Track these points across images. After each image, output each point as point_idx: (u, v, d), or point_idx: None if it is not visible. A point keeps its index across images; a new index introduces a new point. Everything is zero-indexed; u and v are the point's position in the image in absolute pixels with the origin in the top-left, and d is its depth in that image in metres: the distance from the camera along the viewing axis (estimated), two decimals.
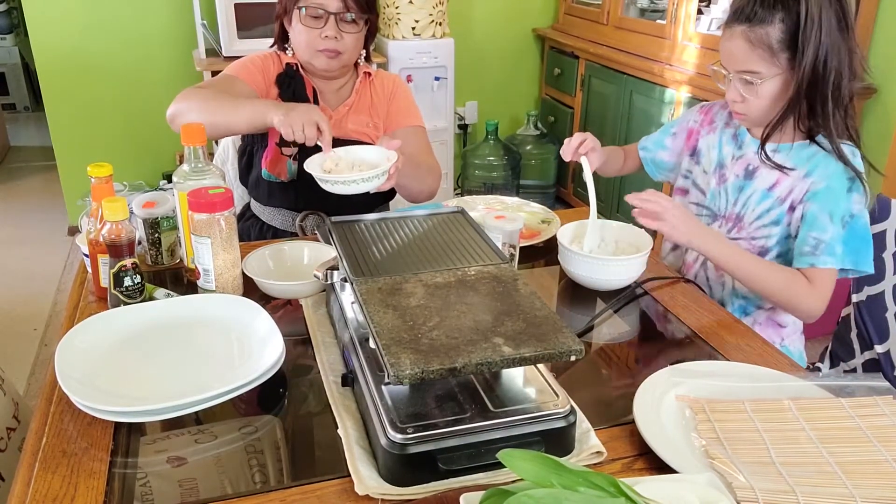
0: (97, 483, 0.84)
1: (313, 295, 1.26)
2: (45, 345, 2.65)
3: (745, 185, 1.38)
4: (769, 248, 1.36)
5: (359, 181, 1.30)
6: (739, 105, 1.31)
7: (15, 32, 5.29)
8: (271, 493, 0.83)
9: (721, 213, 1.42)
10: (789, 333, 1.43)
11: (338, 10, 1.52)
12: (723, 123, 1.45)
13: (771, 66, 1.23)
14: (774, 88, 1.26)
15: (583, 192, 3.58)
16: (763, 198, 1.35)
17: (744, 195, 1.38)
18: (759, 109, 1.29)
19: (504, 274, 0.99)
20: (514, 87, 3.89)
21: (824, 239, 1.25)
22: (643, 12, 3.27)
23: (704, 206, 1.46)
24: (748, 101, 1.28)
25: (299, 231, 1.57)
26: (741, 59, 1.25)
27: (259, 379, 0.96)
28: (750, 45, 1.23)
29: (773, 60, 1.23)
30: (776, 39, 1.21)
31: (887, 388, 0.99)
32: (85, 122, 3.28)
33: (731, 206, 1.40)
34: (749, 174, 1.37)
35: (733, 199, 1.40)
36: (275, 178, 1.59)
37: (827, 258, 1.25)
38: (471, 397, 0.88)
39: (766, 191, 1.34)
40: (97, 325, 1.07)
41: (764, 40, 1.22)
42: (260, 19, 2.96)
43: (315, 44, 1.54)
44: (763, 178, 1.35)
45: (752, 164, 1.37)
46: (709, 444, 0.88)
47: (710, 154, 1.45)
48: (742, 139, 1.40)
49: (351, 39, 1.56)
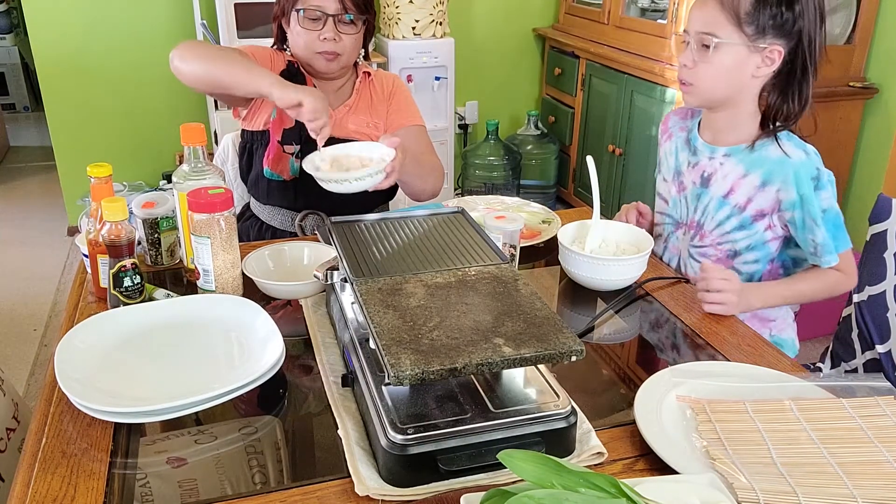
0: (97, 484, 0.84)
1: (313, 295, 1.26)
2: (44, 345, 2.65)
3: (703, 192, 1.39)
4: (739, 251, 1.38)
5: (353, 180, 1.31)
6: (688, 72, 1.31)
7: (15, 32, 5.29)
8: (271, 493, 0.83)
9: (683, 222, 1.45)
10: (779, 325, 1.46)
11: (336, 11, 1.52)
12: (677, 129, 1.47)
13: (731, 34, 1.24)
14: (728, 58, 1.26)
15: (584, 192, 3.58)
16: (720, 205, 1.36)
17: (702, 203, 1.40)
18: (707, 79, 1.29)
19: (504, 274, 0.99)
20: (514, 86, 3.88)
21: (818, 241, 1.29)
22: (644, 12, 3.27)
23: (667, 215, 1.48)
24: (698, 67, 1.29)
25: (298, 231, 1.57)
26: (706, 20, 1.26)
27: (259, 379, 0.96)
28: (720, 7, 1.24)
29: (736, 29, 1.24)
30: (745, 10, 1.23)
31: (888, 389, 0.99)
32: (85, 122, 3.28)
33: (692, 213, 1.42)
34: (705, 181, 1.38)
35: (693, 206, 1.42)
36: (277, 177, 1.59)
37: (828, 257, 1.30)
38: (471, 398, 0.88)
39: (721, 198, 1.36)
40: (97, 325, 1.07)
41: (734, 5, 1.23)
42: (260, 19, 2.97)
43: (313, 46, 1.54)
44: (718, 185, 1.36)
45: (706, 170, 1.38)
46: (710, 445, 0.88)
47: (669, 161, 1.47)
48: (694, 144, 1.41)
49: (349, 41, 1.56)
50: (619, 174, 3.23)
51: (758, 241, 1.36)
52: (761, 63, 1.26)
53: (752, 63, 1.26)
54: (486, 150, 3.51)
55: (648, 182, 3.05)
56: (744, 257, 1.38)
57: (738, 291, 1.24)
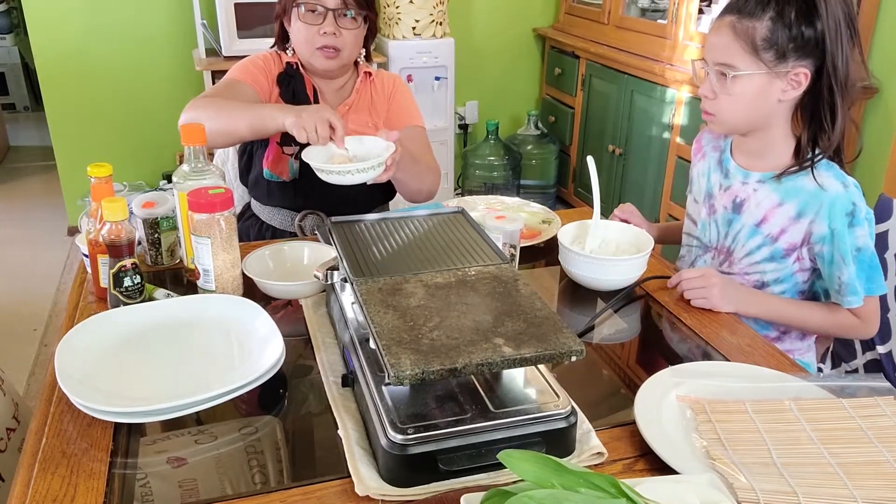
0: (97, 484, 0.84)
1: (313, 295, 1.26)
2: (44, 345, 2.65)
3: (734, 218, 1.34)
4: (767, 283, 1.34)
5: (354, 172, 1.31)
6: (710, 103, 1.27)
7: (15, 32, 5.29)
8: (271, 493, 0.83)
9: (712, 246, 1.40)
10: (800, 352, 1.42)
11: (336, 6, 1.52)
12: (710, 148, 1.42)
13: (749, 63, 1.20)
14: (749, 87, 1.21)
15: (584, 192, 3.58)
16: (752, 234, 1.32)
17: (733, 229, 1.35)
18: (728, 110, 1.25)
19: (504, 274, 0.99)
20: (514, 86, 3.88)
21: (844, 280, 1.24)
22: (644, 12, 3.27)
23: (695, 237, 1.44)
24: (719, 99, 1.25)
25: (298, 231, 1.57)
26: (722, 49, 1.22)
27: (259, 379, 0.96)
28: (734, 36, 1.20)
29: (754, 58, 1.19)
30: (761, 36, 1.18)
31: (888, 389, 0.99)
32: (85, 122, 3.28)
33: (721, 238, 1.38)
34: (737, 207, 1.34)
35: (724, 231, 1.37)
36: (276, 178, 1.59)
37: (851, 298, 1.25)
38: (471, 398, 0.88)
39: (754, 226, 1.31)
40: (97, 325, 1.07)
41: (749, 33, 1.18)
42: (260, 19, 2.97)
43: (314, 41, 1.54)
44: (751, 213, 1.31)
45: (738, 196, 1.33)
46: (710, 445, 0.88)
47: (700, 182, 1.43)
48: (727, 166, 1.36)
49: (350, 36, 1.56)
50: (620, 174, 3.23)
51: (786, 274, 1.32)
52: (786, 86, 1.21)
53: (777, 88, 1.21)
54: (486, 150, 3.51)
55: (648, 182, 3.05)
56: (771, 289, 1.34)
57: (717, 284, 1.23)
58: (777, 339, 1.39)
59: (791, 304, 1.31)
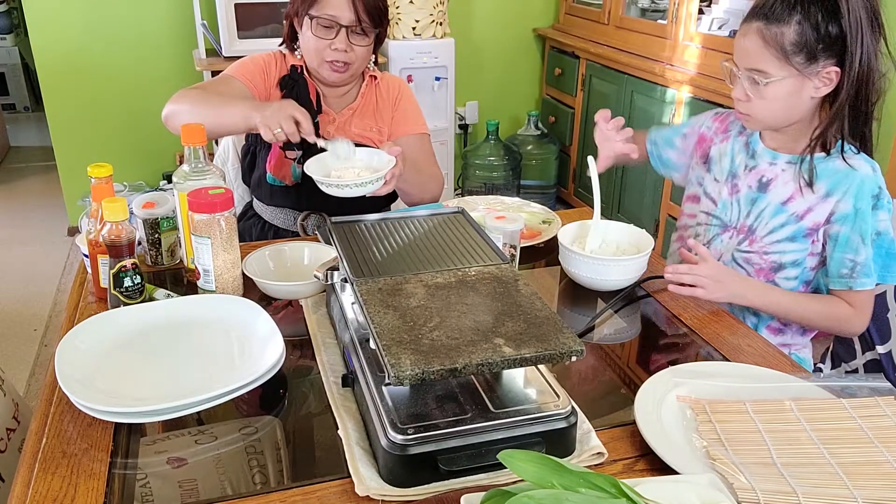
0: (97, 484, 0.84)
1: (313, 295, 1.26)
2: (45, 345, 2.65)
3: (759, 197, 1.35)
4: (783, 265, 1.34)
5: (353, 185, 1.32)
6: (743, 105, 1.28)
7: (15, 32, 5.29)
8: (272, 494, 0.83)
9: (732, 225, 1.40)
10: (797, 347, 1.42)
11: (350, 22, 1.50)
12: (736, 132, 1.42)
13: (780, 69, 1.21)
14: (781, 91, 1.23)
15: (584, 192, 3.58)
16: (777, 212, 1.32)
17: (757, 207, 1.35)
18: (763, 111, 1.27)
19: (505, 274, 0.99)
20: (514, 87, 3.88)
21: (859, 261, 1.25)
22: (644, 12, 3.27)
23: (714, 216, 1.43)
24: (753, 102, 1.26)
25: (301, 230, 1.57)
26: (752, 56, 1.23)
27: (259, 379, 0.96)
28: (763, 43, 1.21)
29: (784, 63, 1.20)
30: (790, 41, 1.18)
31: (889, 389, 0.99)
32: (85, 122, 3.28)
33: (743, 217, 1.38)
34: (763, 186, 1.34)
35: (746, 210, 1.37)
36: (279, 182, 1.58)
37: (864, 280, 1.26)
38: (471, 398, 0.88)
39: (780, 205, 1.32)
40: (97, 325, 1.07)
41: (777, 39, 1.19)
42: (260, 19, 2.96)
43: (324, 54, 1.52)
44: (777, 192, 1.32)
45: (765, 175, 1.34)
46: (710, 445, 0.88)
47: (723, 162, 1.42)
48: (754, 148, 1.37)
49: (361, 52, 1.54)
50: (620, 174, 3.23)
51: (802, 256, 1.32)
52: (819, 84, 1.22)
53: (810, 87, 1.22)
54: (487, 150, 3.51)
55: (648, 182, 3.05)
56: (785, 272, 1.34)
57: (710, 275, 1.23)
58: (779, 332, 1.40)
59: (786, 293, 1.32)
